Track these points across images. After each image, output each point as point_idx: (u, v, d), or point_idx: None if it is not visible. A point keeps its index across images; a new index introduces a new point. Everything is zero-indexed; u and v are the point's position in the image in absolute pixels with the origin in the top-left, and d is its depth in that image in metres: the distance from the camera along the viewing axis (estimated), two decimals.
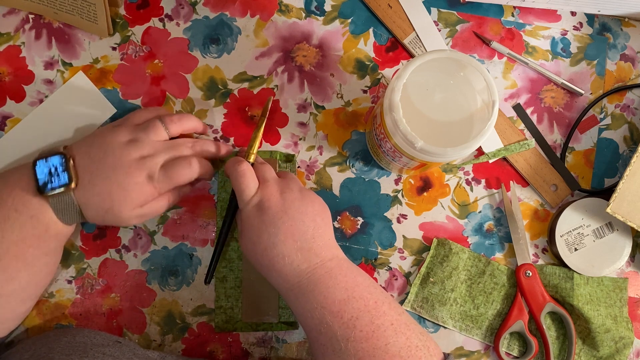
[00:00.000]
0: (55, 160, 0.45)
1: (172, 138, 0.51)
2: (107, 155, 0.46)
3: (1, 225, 0.44)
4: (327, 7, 0.58)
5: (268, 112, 0.52)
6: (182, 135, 0.52)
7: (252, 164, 0.50)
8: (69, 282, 0.54)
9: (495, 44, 0.58)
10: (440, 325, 0.56)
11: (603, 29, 0.60)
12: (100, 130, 0.49)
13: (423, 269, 0.56)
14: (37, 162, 0.46)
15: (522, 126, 0.58)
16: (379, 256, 0.56)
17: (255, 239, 0.45)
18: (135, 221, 0.48)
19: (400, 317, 0.45)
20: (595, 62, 0.59)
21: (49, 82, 0.55)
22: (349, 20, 0.58)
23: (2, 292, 0.45)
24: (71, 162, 0.46)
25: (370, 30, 0.58)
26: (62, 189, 0.45)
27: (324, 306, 0.44)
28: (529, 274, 0.56)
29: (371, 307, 0.44)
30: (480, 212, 0.57)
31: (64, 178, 0.45)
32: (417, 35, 0.57)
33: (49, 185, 0.45)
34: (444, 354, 0.45)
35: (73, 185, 0.45)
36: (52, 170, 0.45)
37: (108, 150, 0.46)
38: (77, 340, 0.46)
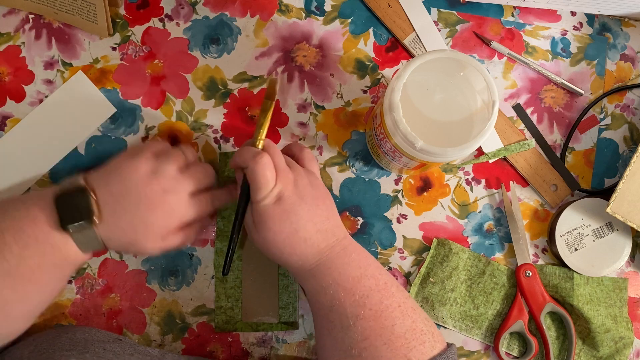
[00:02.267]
0: (78, 196, 0.45)
1: None
2: (130, 191, 0.46)
3: (20, 252, 0.43)
4: (327, 7, 0.58)
5: (276, 94, 0.48)
6: None
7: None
8: (69, 282, 0.54)
9: (495, 44, 0.58)
10: (440, 325, 0.56)
11: (603, 29, 0.60)
12: (118, 161, 0.48)
13: (423, 269, 0.56)
14: (60, 197, 0.45)
15: (522, 126, 0.58)
16: (379, 256, 0.56)
17: (276, 228, 0.45)
18: (157, 252, 0.48)
19: (407, 300, 0.46)
20: (595, 62, 0.59)
21: (49, 82, 0.55)
22: (349, 20, 0.58)
23: (12, 314, 0.45)
24: (92, 196, 0.45)
25: (370, 30, 0.58)
26: (85, 225, 0.44)
27: (339, 282, 0.45)
28: (529, 274, 0.56)
29: (381, 287, 0.45)
30: (480, 212, 0.57)
31: (86, 214, 0.45)
32: (417, 35, 0.57)
33: (72, 222, 0.44)
34: (448, 343, 0.46)
35: (96, 220, 0.45)
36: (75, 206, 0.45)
37: (130, 185, 0.46)
38: (77, 336, 0.47)
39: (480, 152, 0.57)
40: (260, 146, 0.47)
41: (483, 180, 0.58)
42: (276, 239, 0.45)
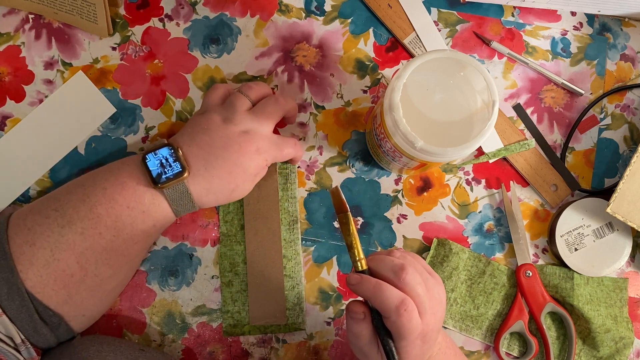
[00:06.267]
0: (165, 152, 0.46)
1: None
2: (213, 138, 0.46)
3: (114, 224, 0.44)
4: (327, 7, 0.58)
5: (345, 203, 0.43)
6: None
7: (368, 271, 0.41)
8: None
9: (495, 44, 0.58)
10: None
11: (603, 29, 0.60)
12: (192, 121, 0.49)
13: None
14: (147, 156, 0.46)
15: (522, 126, 0.58)
16: None
17: None
18: (251, 189, 0.50)
19: None
20: (595, 62, 0.59)
21: (49, 82, 0.55)
22: (349, 20, 0.58)
23: (106, 288, 0.46)
24: (180, 151, 0.46)
25: (370, 30, 0.58)
26: (177, 178, 0.45)
27: None
28: (529, 274, 0.55)
29: None
30: (480, 212, 0.57)
31: (176, 167, 0.45)
32: (417, 35, 0.57)
33: (164, 176, 0.45)
34: None
35: (186, 174, 0.45)
36: (164, 161, 0.45)
37: (212, 134, 0.47)
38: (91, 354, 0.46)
39: (480, 152, 0.57)
40: (364, 266, 0.41)
41: (483, 180, 0.58)
42: None
